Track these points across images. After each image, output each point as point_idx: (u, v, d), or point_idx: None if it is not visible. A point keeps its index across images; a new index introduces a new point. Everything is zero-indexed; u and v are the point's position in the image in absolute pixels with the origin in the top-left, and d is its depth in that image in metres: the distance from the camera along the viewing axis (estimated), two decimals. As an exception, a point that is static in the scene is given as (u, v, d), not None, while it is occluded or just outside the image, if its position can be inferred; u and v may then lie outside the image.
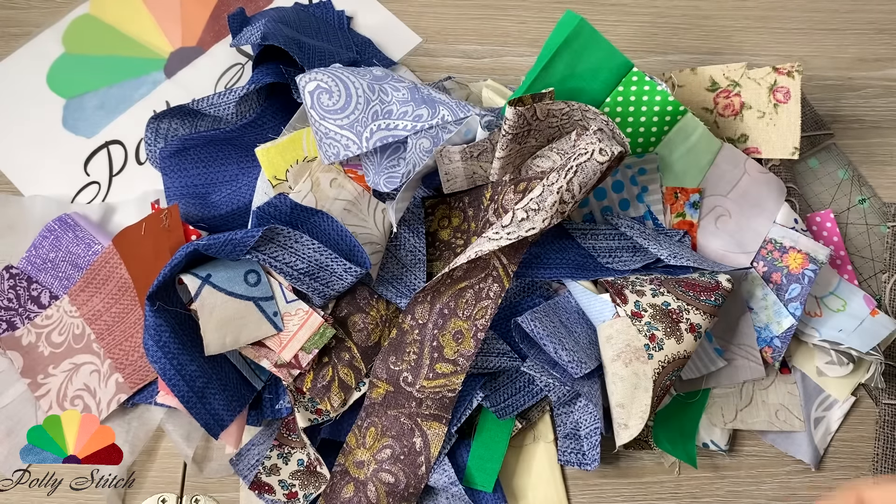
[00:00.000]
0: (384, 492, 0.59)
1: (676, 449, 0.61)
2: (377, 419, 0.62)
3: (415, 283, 0.64)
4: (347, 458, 0.61)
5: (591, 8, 0.81)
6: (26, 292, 0.69)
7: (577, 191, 0.54)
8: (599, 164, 0.54)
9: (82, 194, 0.75)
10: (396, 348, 0.63)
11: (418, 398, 0.61)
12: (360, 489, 0.60)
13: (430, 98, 0.62)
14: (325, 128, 0.62)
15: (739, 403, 0.62)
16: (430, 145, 0.61)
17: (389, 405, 0.62)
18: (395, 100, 0.62)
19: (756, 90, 0.65)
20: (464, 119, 0.60)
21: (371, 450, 0.61)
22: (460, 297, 0.61)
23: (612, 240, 0.63)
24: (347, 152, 0.62)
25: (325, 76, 0.62)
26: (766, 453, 0.64)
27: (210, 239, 0.59)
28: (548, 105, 0.57)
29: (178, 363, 0.59)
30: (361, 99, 0.62)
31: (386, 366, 0.63)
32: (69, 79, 0.80)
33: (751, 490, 0.64)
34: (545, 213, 0.54)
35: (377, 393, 0.62)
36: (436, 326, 0.62)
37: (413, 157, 0.61)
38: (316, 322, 0.62)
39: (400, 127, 0.62)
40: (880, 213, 0.71)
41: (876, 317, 0.64)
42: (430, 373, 0.61)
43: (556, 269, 0.62)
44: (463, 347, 0.60)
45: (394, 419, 0.61)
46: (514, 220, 0.55)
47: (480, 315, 0.60)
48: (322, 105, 0.62)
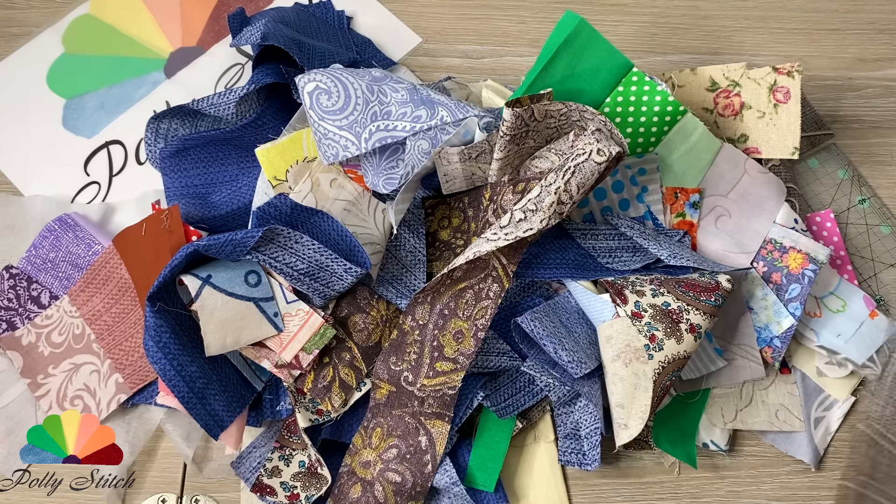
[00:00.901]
0: (392, 491, 0.59)
1: (676, 449, 0.61)
2: (382, 419, 0.62)
3: (415, 284, 0.64)
4: (354, 459, 0.62)
5: (591, 8, 0.81)
6: (26, 292, 0.69)
7: (575, 191, 0.54)
8: (597, 164, 0.54)
9: (82, 194, 0.75)
10: (397, 349, 0.63)
11: (420, 397, 0.61)
12: (368, 489, 0.60)
13: (429, 99, 0.62)
14: (323, 128, 0.62)
15: (739, 403, 0.62)
16: (428, 147, 0.61)
17: (394, 405, 0.62)
18: (393, 101, 0.62)
19: (756, 90, 0.65)
20: (462, 120, 0.60)
21: (377, 450, 0.61)
22: (460, 298, 0.61)
23: (612, 240, 0.63)
24: (346, 153, 0.62)
25: (324, 77, 0.62)
26: (766, 453, 0.64)
27: (210, 239, 0.59)
28: (546, 106, 0.57)
29: (179, 364, 0.59)
30: (360, 100, 0.62)
31: (387, 366, 0.63)
32: (69, 79, 0.80)
33: (751, 490, 0.64)
34: (543, 213, 0.54)
35: (381, 394, 0.62)
36: (436, 327, 0.62)
37: (411, 158, 0.61)
38: (316, 322, 0.62)
39: (399, 128, 0.62)
40: (880, 213, 0.71)
41: (875, 319, 0.64)
42: (430, 371, 0.61)
43: (556, 270, 0.62)
44: (463, 346, 0.61)
45: (398, 419, 0.61)
46: (512, 221, 0.55)
47: (480, 315, 0.60)
48: (321, 106, 0.62)
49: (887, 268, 0.69)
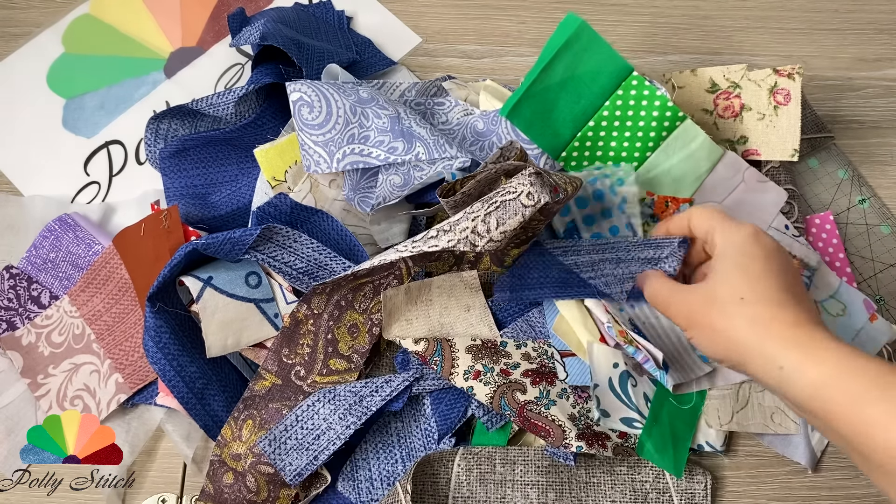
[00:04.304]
0: (264, 481, 0.59)
1: (664, 456, 0.60)
2: (256, 411, 0.61)
3: None
4: (223, 451, 0.60)
5: (590, 8, 0.81)
6: (26, 292, 0.69)
7: (493, 225, 0.53)
8: (523, 206, 0.53)
9: (82, 194, 0.75)
10: (289, 339, 0.62)
11: (307, 392, 0.61)
12: (239, 479, 0.59)
13: (409, 132, 0.63)
14: (301, 139, 0.63)
15: (736, 405, 0.62)
16: (401, 181, 0.62)
17: (273, 398, 0.61)
18: (374, 126, 0.63)
19: (756, 92, 0.65)
20: (438, 160, 0.61)
21: (247, 443, 0.60)
22: (358, 291, 0.62)
23: (593, 253, 0.61)
24: (318, 168, 0.63)
25: (310, 89, 0.62)
26: (765, 453, 0.64)
27: (209, 238, 0.60)
28: (483, 173, 0.57)
29: (178, 364, 0.59)
30: (341, 119, 0.63)
31: (278, 358, 0.62)
32: (69, 79, 0.80)
33: (751, 490, 0.64)
34: (453, 235, 0.54)
35: (261, 385, 0.61)
36: (331, 318, 0.62)
37: (382, 190, 0.62)
38: (315, 323, 0.62)
39: (373, 155, 0.63)
40: (880, 213, 0.71)
41: (875, 322, 0.64)
42: (323, 368, 0.61)
43: (539, 290, 0.61)
44: (357, 343, 0.61)
45: (275, 412, 0.60)
46: (424, 237, 0.55)
47: (377, 309, 0.61)
48: (302, 117, 0.62)
49: (887, 268, 0.69)
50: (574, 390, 0.63)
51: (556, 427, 0.60)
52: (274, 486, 0.59)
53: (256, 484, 0.59)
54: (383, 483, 0.61)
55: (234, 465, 0.59)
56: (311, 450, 0.58)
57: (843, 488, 0.63)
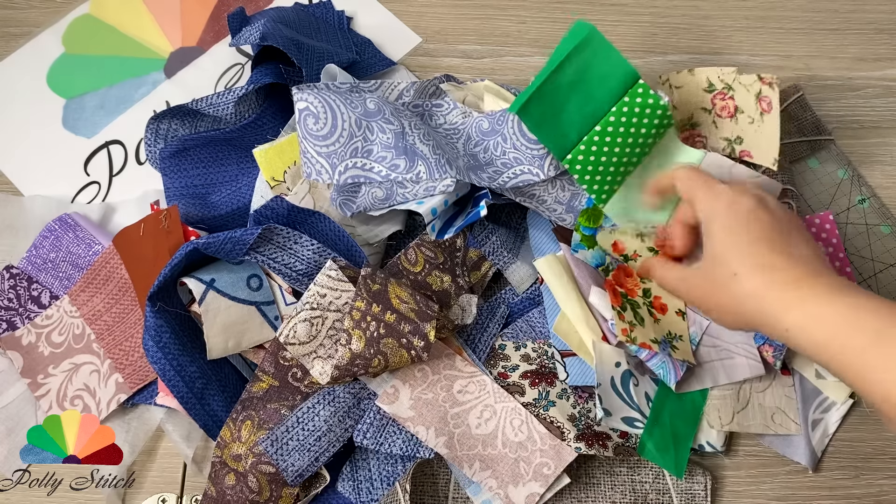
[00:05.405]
0: (266, 481, 0.59)
1: (666, 456, 0.60)
2: (254, 412, 0.61)
3: None
4: (224, 452, 0.60)
5: (591, 8, 0.81)
6: (26, 292, 0.69)
7: (356, 346, 0.57)
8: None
9: (82, 194, 0.75)
10: None
11: (305, 392, 0.61)
12: (241, 479, 0.59)
13: (413, 150, 0.63)
14: (304, 147, 0.63)
15: (737, 406, 0.62)
16: (382, 196, 0.63)
17: (270, 399, 0.61)
18: (378, 141, 0.63)
19: (746, 96, 0.65)
20: (436, 184, 0.62)
21: (247, 444, 0.59)
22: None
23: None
24: (319, 178, 0.63)
25: (316, 100, 0.62)
26: (765, 453, 0.64)
27: (209, 237, 0.60)
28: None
29: (178, 364, 0.59)
30: (346, 133, 0.63)
31: (275, 360, 0.62)
32: (69, 79, 0.80)
33: (751, 490, 0.64)
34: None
35: (259, 387, 0.61)
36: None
37: (364, 201, 0.63)
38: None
39: (374, 170, 0.63)
40: (880, 212, 0.71)
41: None
42: None
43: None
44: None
45: (273, 412, 0.60)
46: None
47: None
48: (307, 127, 0.62)
49: (887, 267, 0.69)
50: (574, 390, 0.63)
51: (555, 429, 0.60)
52: (276, 485, 0.59)
53: (259, 484, 0.59)
54: (383, 483, 0.61)
55: (235, 466, 0.59)
56: (312, 451, 0.58)
57: (843, 488, 0.63)
